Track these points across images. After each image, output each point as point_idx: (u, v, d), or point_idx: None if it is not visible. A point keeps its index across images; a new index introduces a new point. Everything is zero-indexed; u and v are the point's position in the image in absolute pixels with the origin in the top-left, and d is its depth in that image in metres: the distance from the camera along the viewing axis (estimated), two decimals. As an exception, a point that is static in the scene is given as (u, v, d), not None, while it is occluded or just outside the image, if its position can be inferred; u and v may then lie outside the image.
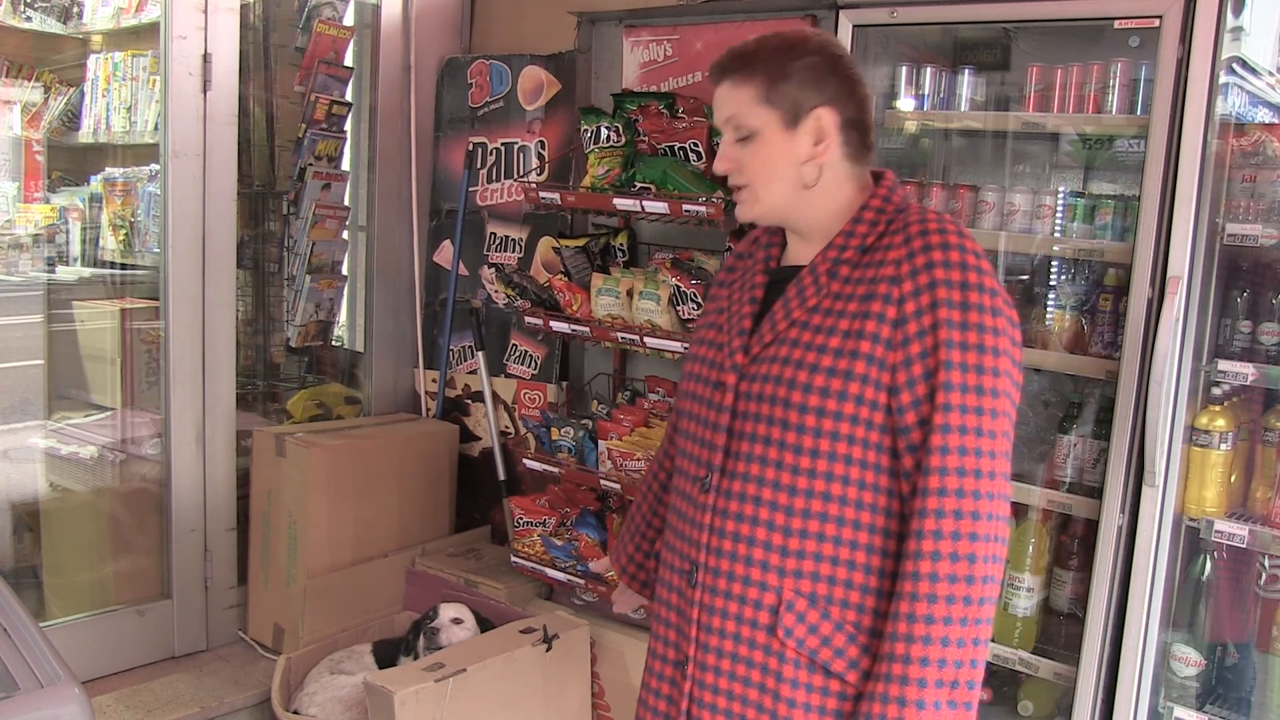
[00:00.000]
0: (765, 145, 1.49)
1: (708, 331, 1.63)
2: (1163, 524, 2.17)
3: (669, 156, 2.84)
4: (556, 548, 2.98)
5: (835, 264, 1.48)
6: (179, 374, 3.05)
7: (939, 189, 2.55)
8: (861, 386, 1.40)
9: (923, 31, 2.57)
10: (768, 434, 1.46)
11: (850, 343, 1.42)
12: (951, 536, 1.34)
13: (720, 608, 1.49)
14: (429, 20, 3.64)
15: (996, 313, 1.39)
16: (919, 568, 1.35)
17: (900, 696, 1.35)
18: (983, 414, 1.36)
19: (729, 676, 1.49)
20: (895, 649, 1.36)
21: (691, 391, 1.61)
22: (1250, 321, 2.21)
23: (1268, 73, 2.35)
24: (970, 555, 1.34)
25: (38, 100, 3.47)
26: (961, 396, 1.36)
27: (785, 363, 1.46)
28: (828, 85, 1.47)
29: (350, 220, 3.65)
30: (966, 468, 1.35)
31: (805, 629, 1.44)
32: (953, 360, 1.36)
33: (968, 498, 1.35)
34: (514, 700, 2.64)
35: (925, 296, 1.38)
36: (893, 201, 1.51)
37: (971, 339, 1.37)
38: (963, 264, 1.39)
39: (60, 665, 1.52)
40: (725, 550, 1.49)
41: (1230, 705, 2.25)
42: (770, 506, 1.45)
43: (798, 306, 1.49)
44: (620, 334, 2.85)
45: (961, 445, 1.35)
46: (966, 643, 1.35)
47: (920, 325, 1.38)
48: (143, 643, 3.05)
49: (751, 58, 1.49)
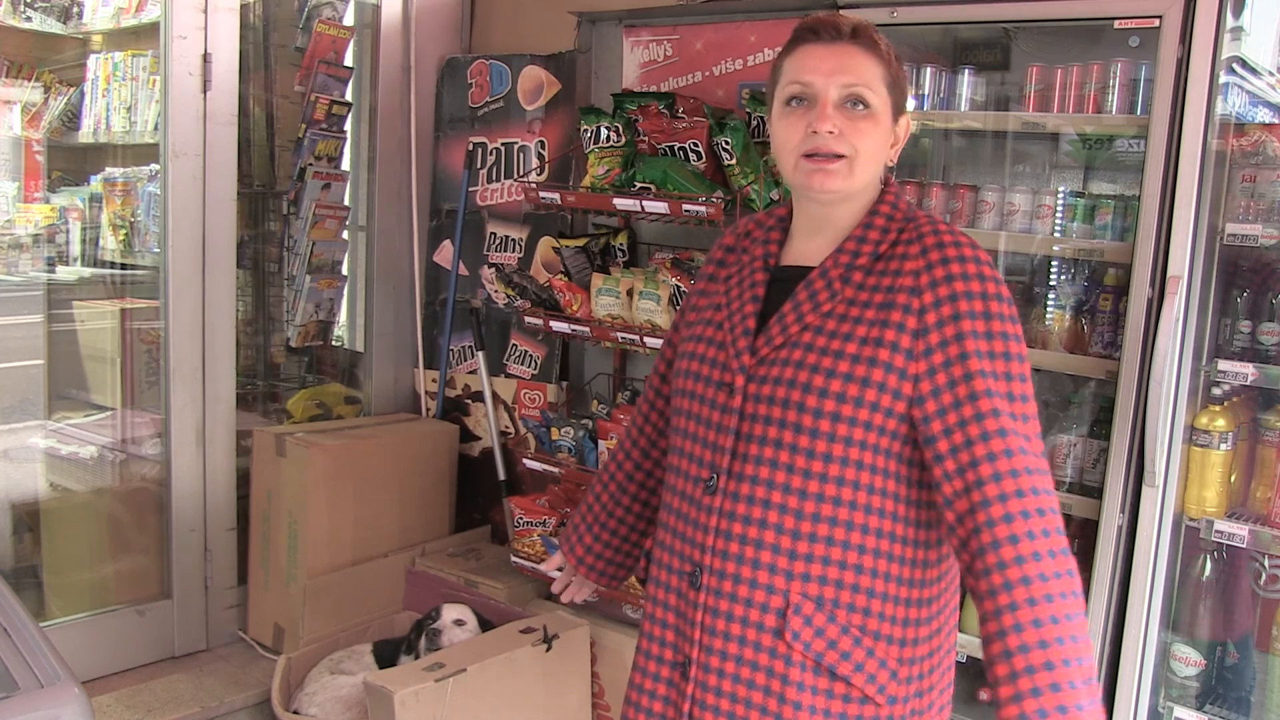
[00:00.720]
0: (878, 127, 1.48)
1: (705, 329, 1.60)
2: (1163, 524, 2.17)
3: (669, 156, 2.84)
4: (556, 548, 2.98)
5: (849, 269, 1.48)
6: (179, 374, 3.05)
7: (939, 189, 2.55)
8: (879, 394, 1.41)
9: (923, 31, 2.56)
10: (778, 437, 1.45)
11: (869, 349, 1.42)
12: (1043, 534, 1.35)
13: (725, 610, 1.49)
14: (429, 20, 3.64)
15: (1015, 320, 1.43)
16: (1026, 572, 1.33)
17: (1060, 705, 1.30)
18: (1016, 419, 1.39)
19: (733, 679, 1.48)
20: (1032, 660, 1.31)
21: (690, 390, 1.58)
22: (1250, 321, 2.21)
23: (1268, 73, 2.35)
24: (1063, 549, 1.36)
25: (38, 100, 3.47)
26: (1007, 404, 1.38)
27: (800, 366, 1.46)
28: (905, 94, 1.54)
29: (350, 220, 3.65)
30: (1018, 468, 1.36)
31: (812, 632, 1.43)
32: (985, 370, 1.38)
33: (1030, 496, 1.36)
34: (514, 700, 2.64)
35: (947, 308, 1.40)
36: (900, 209, 1.52)
37: (998, 348, 1.40)
38: (980, 275, 1.42)
39: (60, 665, 1.52)
40: (731, 553, 1.48)
41: (1230, 705, 2.25)
42: (779, 509, 1.45)
43: (810, 310, 1.48)
44: (620, 334, 2.85)
45: (1007, 448, 1.37)
46: (1082, 636, 1.35)
47: (943, 335, 1.40)
48: (143, 643, 3.05)
49: (876, 36, 1.50)
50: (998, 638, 1.33)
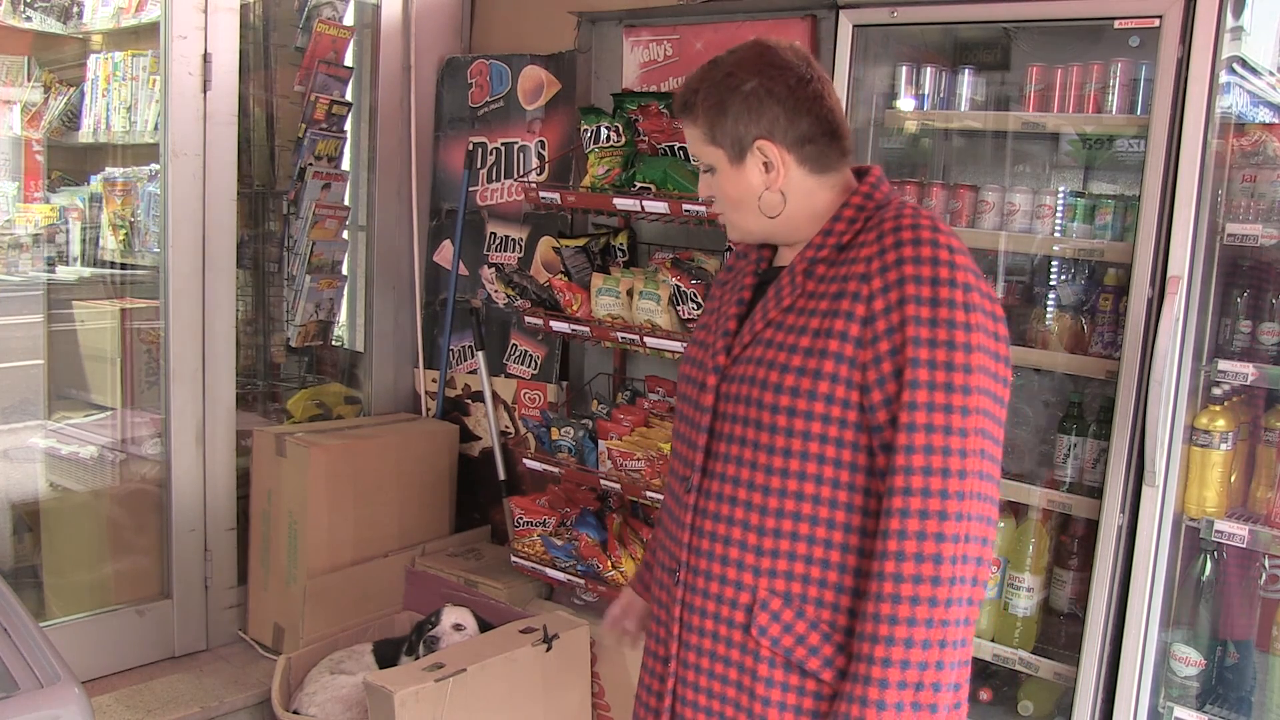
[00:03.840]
0: (724, 179, 1.52)
1: (699, 333, 1.65)
2: (1163, 524, 2.17)
3: (669, 156, 2.84)
4: (556, 548, 2.98)
5: (812, 263, 1.48)
6: (179, 374, 3.05)
7: (939, 189, 2.55)
8: (832, 385, 1.40)
9: (923, 31, 2.57)
10: (743, 434, 1.47)
11: (820, 341, 1.41)
12: (916, 536, 1.33)
13: (699, 606, 1.51)
14: (429, 20, 3.64)
15: (970, 308, 1.36)
16: (884, 568, 1.34)
17: (863, 696, 1.34)
18: (952, 412, 1.34)
19: (709, 675, 1.50)
20: (861, 649, 1.36)
21: (682, 393, 1.62)
22: (1250, 321, 2.21)
23: (1268, 72, 2.35)
24: (936, 556, 1.32)
25: (38, 100, 3.47)
26: (929, 394, 1.34)
27: (759, 363, 1.47)
28: (766, 113, 1.45)
29: (350, 220, 3.65)
30: (933, 466, 1.33)
31: (780, 628, 1.44)
32: (920, 358, 1.34)
33: (934, 497, 1.33)
34: (514, 700, 2.64)
35: (894, 293, 1.37)
36: (874, 199, 1.49)
37: (941, 336, 1.34)
38: (934, 259, 1.37)
39: (60, 665, 1.52)
40: (704, 550, 1.50)
41: (1230, 705, 2.25)
42: (745, 506, 1.46)
43: (774, 307, 1.49)
44: (620, 334, 2.85)
45: (928, 444, 1.34)
46: (933, 644, 1.33)
47: (889, 322, 1.37)
48: (143, 643, 3.05)
49: (693, 96, 1.50)
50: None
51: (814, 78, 1.47)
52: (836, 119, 1.49)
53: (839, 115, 1.50)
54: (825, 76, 1.50)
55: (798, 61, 1.47)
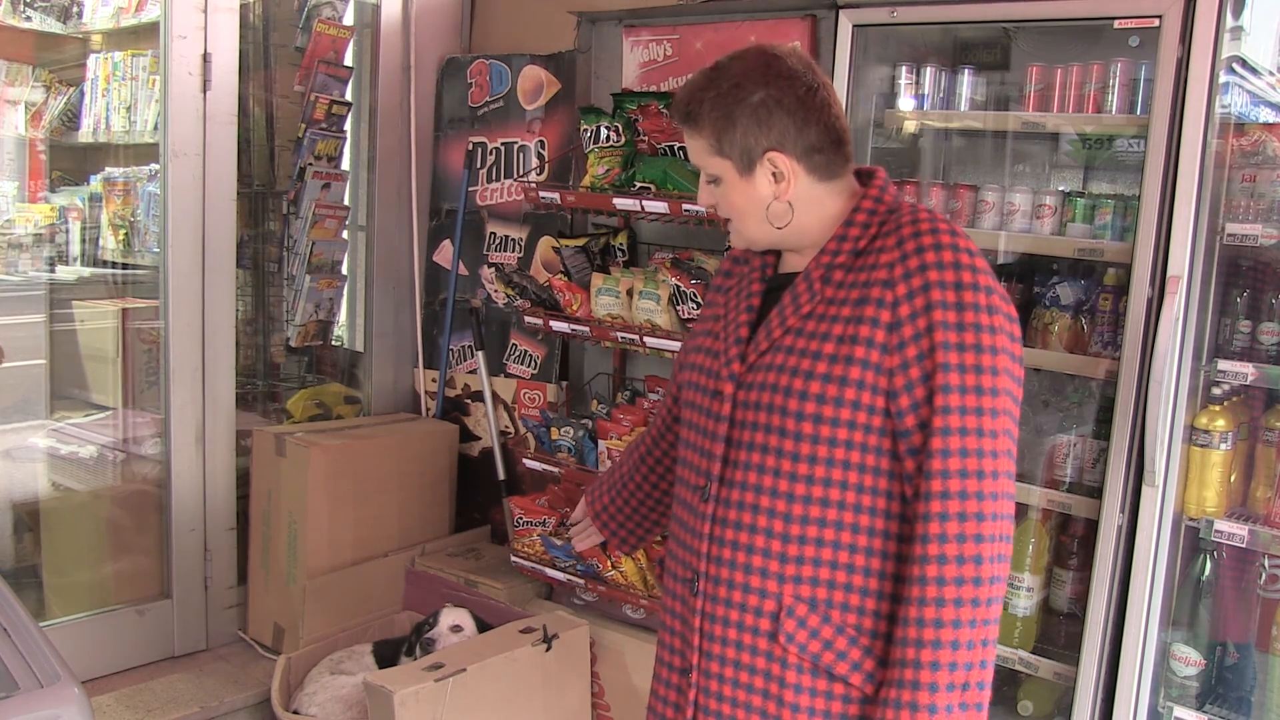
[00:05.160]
0: (730, 190, 1.51)
1: (704, 339, 1.63)
2: (1163, 524, 2.17)
3: (669, 156, 2.84)
4: (556, 547, 2.98)
5: (829, 269, 1.47)
6: (179, 374, 3.05)
7: (939, 189, 2.55)
8: (858, 392, 1.40)
9: (923, 31, 2.56)
10: (765, 442, 1.46)
11: (845, 348, 1.41)
12: (957, 539, 1.34)
13: (722, 616, 1.50)
14: (429, 20, 3.64)
15: (993, 311, 1.38)
16: (925, 572, 1.35)
17: (913, 701, 1.34)
18: (983, 414, 1.36)
19: (733, 684, 1.49)
20: (906, 654, 1.36)
21: (690, 401, 1.61)
22: (1250, 321, 2.21)
23: (1268, 72, 2.35)
24: (976, 557, 1.34)
25: (38, 100, 3.47)
26: (961, 398, 1.36)
27: (781, 370, 1.46)
28: (776, 124, 1.45)
29: (350, 220, 3.65)
30: (969, 469, 1.35)
31: (807, 634, 1.44)
32: (950, 362, 1.36)
33: (971, 499, 1.35)
34: (514, 700, 2.64)
35: (920, 299, 1.38)
36: (884, 202, 1.50)
37: (969, 339, 1.36)
38: (956, 264, 1.38)
39: (60, 665, 1.52)
40: (725, 559, 1.49)
41: (1230, 705, 2.25)
42: (769, 514, 1.46)
43: (792, 313, 1.48)
44: (620, 334, 2.85)
45: (963, 447, 1.35)
46: (976, 644, 1.35)
47: (916, 328, 1.37)
48: (142, 642, 3.05)
49: (698, 106, 1.48)
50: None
51: (820, 86, 1.48)
52: (842, 126, 1.50)
53: (844, 122, 1.51)
54: (829, 83, 1.50)
55: (803, 70, 1.47)
